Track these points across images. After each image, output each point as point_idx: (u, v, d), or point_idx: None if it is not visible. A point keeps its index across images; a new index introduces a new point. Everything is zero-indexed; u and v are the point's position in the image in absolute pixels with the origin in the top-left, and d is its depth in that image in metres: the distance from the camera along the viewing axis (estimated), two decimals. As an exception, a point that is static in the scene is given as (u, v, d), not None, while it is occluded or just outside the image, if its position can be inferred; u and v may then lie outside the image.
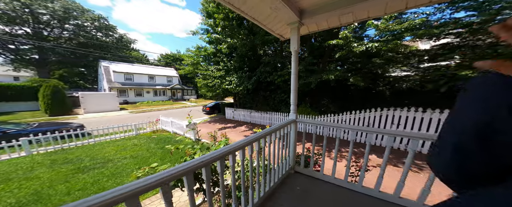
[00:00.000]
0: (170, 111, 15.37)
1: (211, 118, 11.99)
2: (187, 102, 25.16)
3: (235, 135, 7.08)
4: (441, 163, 0.29)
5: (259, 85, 8.84)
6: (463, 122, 0.25)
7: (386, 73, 6.17)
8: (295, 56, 1.75)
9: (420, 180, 3.03)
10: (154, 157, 4.35)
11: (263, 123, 8.74)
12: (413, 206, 1.20)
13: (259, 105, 9.66)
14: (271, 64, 7.49)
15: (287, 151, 1.90)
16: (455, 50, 4.72)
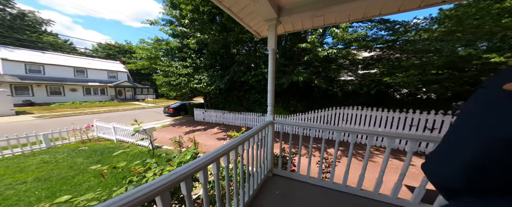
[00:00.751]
0: (114, 114, 12.15)
1: (176, 120, 10.46)
2: (142, 103, 20.72)
3: (206, 138, 6.43)
4: (446, 174, 0.27)
5: (232, 85, 8.50)
6: (489, 138, 0.22)
7: (338, 77, 7.43)
8: (272, 55, 1.67)
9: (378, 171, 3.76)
10: (83, 176, 3.15)
11: (237, 124, 8.45)
12: (371, 196, 1.39)
13: (232, 105, 9.30)
14: (245, 63, 7.35)
15: (265, 154, 1.80)
16: (379, 61, 6.30)
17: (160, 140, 5.99)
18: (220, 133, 7.19)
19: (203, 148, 5.10)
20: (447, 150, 0.27)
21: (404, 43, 5.71)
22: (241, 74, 7.30)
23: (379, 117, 4.75)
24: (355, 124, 5.16)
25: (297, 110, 7.44)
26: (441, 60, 4.20)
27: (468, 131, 0.25)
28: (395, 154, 4.27)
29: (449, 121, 3.88)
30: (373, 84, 5.78)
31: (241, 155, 1.23)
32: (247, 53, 8.66)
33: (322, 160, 1.65)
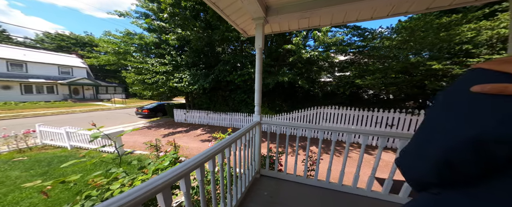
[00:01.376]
0: (66, 117, 10.12)
1: (152, 122, 9.41)
2: (108, 103, 17.83)
3: (188, 140, 5.99)
4: (417, 169, 0.29)
5: (217, 84, 8.16)
6: (456, 135, 0.24)
7: (319, 78, 8.01)
8: (259, 54, 1.65)
9: (355, 165, 4.13)
10: (21, 192, 2.50)
11: (223, 125, 8.17)
12: (350, 190, 1.51)
13: (217, 105, 8.93)
14: (231, 63, 7.14)
15: (252, 155, 1.77)
16: (352, 64, 7.08)
17: (132, 145, 5.28)
18: (205, 134, 6.81)
19: (185, 151, 4.73)
20: (420, 148, 0.29)
21: (371, 49, 6.54)
22: (226, 73, 7.07)
23: (353, 115, 5.32)
24: (333, 122, 5.64)
25: (282, 109, 7.67)
26: (398, 66, 4.99)
27: (438, 130, 0.26)
28: (366, 149, 4.87)
29: (404, 119, 4.63)
30: (348, 85, 6.45)
31: (228, 158, 1.17)
32: (233, 53, 8.47)
33: (307, 158, 1.72)
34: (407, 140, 1.26)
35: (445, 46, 4.40)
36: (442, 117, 0.27)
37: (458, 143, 0.23)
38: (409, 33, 5.06)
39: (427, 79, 4.71)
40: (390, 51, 5.64)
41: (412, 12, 1.36)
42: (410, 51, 5.14)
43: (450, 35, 4.26)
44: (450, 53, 4.48)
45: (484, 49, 4.03)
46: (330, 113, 5.66)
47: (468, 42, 4.16)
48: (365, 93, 7.62)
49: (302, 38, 5.84)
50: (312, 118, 5.97)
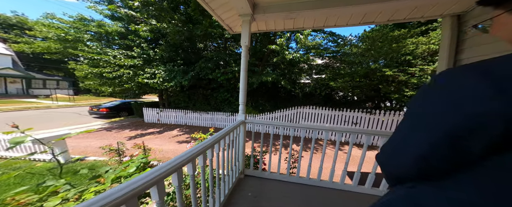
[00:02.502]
0: None
1: (113, 123, 7.99)
2: (46, 100, 14.17)
3: (162, 142, 5.36)
4: (397, 165, 0.30)
5: (198, 82, 7.60)
6: (435, 131, 0.25)
7: (299, 80, 8.54)
8: (245, 52, 1.60)
9: (331, 161, 4.50)
10: None
11: (203, 125, 7.66)
12: (328, 185, 1.64)
13: (198, 104, 8.33)
14: (213, 60, 6.76)
15: (236, 155, 1.71)
16: (327, 68, 7.85)
17: (82, 150, 4.33)
18: (182, 135, 6.23)
19: (159, 154, 4.21)
20: (400, 145, 0.31)
21: (342, 55, 7.40)
22: (208, 71, 6.67)
23: (327, 115, 5.91)
24: (311, 121, 6.12)
25: (266, 109, 7.80)
26: (362, 71, 5.84)
27: (416, 128, 0.28)
28: (338, 145, 5.47)
29: (365, 117, 5.41)
30: (323, 87, 7.12)
31: (211, 159, 1.08)
32: (217, 50, 8.06)
33: (290, 156, 1.78)
34: (371, 136, 1.46)
35: (395, 56, 5.40)
36: (419, 114, 0.29)
37: (436, 139, 0.25)
38: (370, 42, 5.98)
39: (381, 84, 5.69)
40: (356, 58, 6.52)
41: (378, 22, 1.60)
42: (371, 59, 6.08)
43: (399, 47, 5.26)
44: (398, 62, 5.54)
45: (419, 60, 5.15)
46: (309, 112, 6.11)
47: (410, 54, 5.23)
48: (336, 94, 8.59)
49: (285, 40, 6.09)
50: (293, 117, 6.30)
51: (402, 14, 1.45)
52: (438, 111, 0.26)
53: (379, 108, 6.46)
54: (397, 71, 5.25)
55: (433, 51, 4.78)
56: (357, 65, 6.53)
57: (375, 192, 1.51)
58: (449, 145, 0.24)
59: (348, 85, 6.03)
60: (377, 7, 1.20)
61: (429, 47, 4.79)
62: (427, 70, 4.66)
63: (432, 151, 0.25)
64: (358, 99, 7.51)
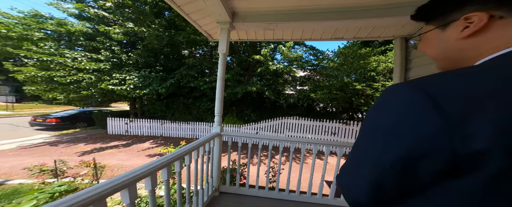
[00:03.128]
0: None
1: (64, 135, 6.64)
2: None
3: (128, 156, 4.61)
4: (354, 189, 0.29)
5: (179, 90, 7.16)
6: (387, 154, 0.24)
7: (284, 91, 8.87)
8: (223, 60, 1.56)
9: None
10: None
11: (183, 136, 7.01)
12: (307, 199, 1.55)
13: (177, 113, 7.69)
14: (197, 68, 6.56)
15: (210, 171, 1.53)
16: (308, 80, 8.42)
17: (6, 171, 3.36)
18: (155, 147, 5.51)
19: (118, 171, 3.52)
20: (355, 167, 0.29)
21: (321, 68, 8.10)
22: (191, 79, 6.40)
23: (309, 125, 6.13)
24: (294, 131, 6.22)
25: (251, 119, 7.71)
26: (338, 84, 6.43)
27: (370, 150, 0.26)
28: (317, 155, 5.62)
29: (342, 128, 5.79)
30: (305, 98, 7.50)
31: (179, 173, 0.95)
32: (202, 57, 7.91)
33: (269, 169, 1.68)
34: (343, 148, 1.49)
35: (363, 71, 6.17)
36: (371, 134, 0.27)
37: (388, 164, 0.23)
38: (344, 58, 6.75)
39: (354, 97, 6.32)
40: (333, 72, 7.22)
41: (346, 38, 1.81)
42: (345, 73, 6.80)
43: (365, 63, 6.05)
44: (365, 78, 6.32)
45: (381, 77, 5.99)
46: (292, 122, 6.24)
47: (373, 70, 6.05)
48: (317, 106, 9.14)
49: (270, 51, 6.40)
50: (277, 127, 6.32)
51: (363, 33, 1.67)
52: (386, 131, 0.24)
53: (352, 119, 7.07)
54: (365, 86, 5.95)
55: (391, 69, 5.66)
56: (333, 78, 7.21)
57: None
58: (399, 169, 0.22)
59: (326, 97, 6.52)
60: (344, 24, 1.34)
61: (387, 65, 5.66)
62: (386, 86, 5.41)
63: (383, 175, 0.24)
64: (336, 111, 8.11)
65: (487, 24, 0.25)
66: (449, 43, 0.29)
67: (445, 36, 0.29)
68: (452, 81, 0.22)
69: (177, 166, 0.96)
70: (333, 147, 5.53)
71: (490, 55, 0.25)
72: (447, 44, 0.29)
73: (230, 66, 7.69)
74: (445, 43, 0.30)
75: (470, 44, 0.27)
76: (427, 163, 0.21)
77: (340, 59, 7.06)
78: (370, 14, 1.21)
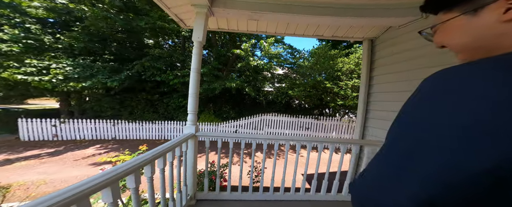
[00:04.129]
0: None
1: None
2: None
3: (58, 168, 3.56)
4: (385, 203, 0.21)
5: (139, 84, 6.01)
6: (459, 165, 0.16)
7: (263, 87, 8.96)
8: (198, 49, 1.32)
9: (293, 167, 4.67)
10: None
11: (148, 138, 5.99)
12: (291, 197, 1.55)
13: (138, 111, 6.50)
14: (165, 60, 5.65)
15: (184, 177, 1.32)
16: (286, 77, 8.81)
17: None
18: (104, 153, 4.45)
19: (35, 191, 2.65)
20: (389, 176, 0.22)
21: (297, 67, 8.58)
22: (157, 72, 5.46)
23: (286, 121, 6.46)
24: (274, 128, 6.42)
25: (230, 116, 7.41)
26: (311, 83, 6.99)
27: (423, 157, 0.19)
28: (295, 150, 6.00)
29: (313, 123, 6.37)
30: (283, 95, 7.82)
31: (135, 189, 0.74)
32: (172, 49, 6.89)
33: (253, 169, 1.60)
34: (321, 144, 1.53)
35: (331, 71, 6.93)
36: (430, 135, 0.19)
37: (464, 178, 0.16)
38: (317, 58, 7.36)
39: (324, 94, 7.06)
40: (307, 70, 7.78)
41: (326, 37, 1.89)
42: (317, 72, 7.45)
43: (334, 64, 6.80)
44: (333, 77, 7.13)
45: (344, 77, 6.90)
46: (271, 119, 6.40)
47: (339, 71, 6.89)
48: (294, 102, 9.74)
49: (251, 46, 6.22)
50: (257, 124, 6.34)
51: (341, 31, 1.79)
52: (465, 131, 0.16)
53: (322, 114, 7.92)
54: (332, 84, 6.72)
55: (352, 70, 6.58)
56: (307, 77, 7.80)
57: (338, 198, 1.58)
58: (482, 187, 0.15)
59: (302, 94, 7.00)
60: (326, 20, 1.38)
61: (349, 66, 6.55)
62: (348, 85, 6.27)
63: (447, 192, 0.17)
64: (309, 107, 8.88)
65: None
66: (484, 30, 0.25)
67: (478, 22, 0.25)
68: None
69: (130, 182, 0.73)
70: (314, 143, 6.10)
71: None
72: (480, 31, 0.25)
73: (206, 61, 7.09)
74: (477, 30, 0.26)
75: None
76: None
77: (313, 59, 7.66)
78: (350, 13, 1.27)
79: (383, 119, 1.67)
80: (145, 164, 0.80)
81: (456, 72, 0.20)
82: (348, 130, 6.44)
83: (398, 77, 1.54)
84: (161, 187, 1.02)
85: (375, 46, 1.85)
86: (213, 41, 7.44)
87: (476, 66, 0.19)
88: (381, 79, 1.74)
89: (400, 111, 0.24)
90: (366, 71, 1.92)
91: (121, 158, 1.50)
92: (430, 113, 0.20)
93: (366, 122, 1.91)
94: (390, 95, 1.61)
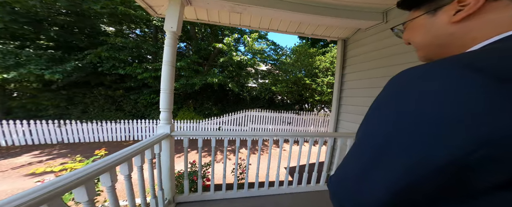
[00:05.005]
0: None
1: None
2: None
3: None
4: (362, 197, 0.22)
5: (95, 78, 5.11)
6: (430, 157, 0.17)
7: (247, 83, 8.86)
8: (171, 40, 1.16)
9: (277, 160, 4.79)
10: None
11: (108, 139, 5.18)
12: (276, 191, 1.58)
13: (95, 109, 5.52)
14: (131, 51, 4.87)
15: (160, 181, 1.21)
16: (269, 74, 8.94)
17: None
18: (48, 160, 3.63)
19: None
20: (365, 169, 0.22)
21: (280, 63, 8.78)
22: (118, 64, 4.68)
23: (270, 116, 6.63)
24: (257, 123, 6.50)
25: (212, 113, 7.10)
26: (293, 79, 7.30)
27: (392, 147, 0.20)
28: (278, 144, 6.26)
29: (294, 118, 6.76)
30: (267, 91, 7.93)
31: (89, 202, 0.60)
32: (141, 39, 5.96)
33: (237, 166, 1.58)
34: (302, 138, 1.62)
35: (310, 68, 7.38)
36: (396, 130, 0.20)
37: (428, 167, 0.17)
38: (298, 55, 7.68)
39: (304, 90, 7.50)
40: (289, 67, 8.07)
41: (306, 34, 1.95)
42: (298, 69, 7.82)
43: (312, 61, 7.25)
44: (311, 74, 7.61)
45: (321, 74, 7.46)
46: (255, 115, 6.45)
47: (317, 68, 7.40)
48: (276, 98, 10.02)
49: (234, 41, 5.96)
50: (241, 120, 6.29)
51: (320, 30, 1.88)
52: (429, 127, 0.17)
53: (302, 109, 8.46)
54: (311, 81, 7.20)
55: (327, 68, 7.17)
56: (289, 73, 8.10)
57: (317, 188, 1.67)
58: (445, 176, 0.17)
59: (284, 90, 7.26)
60: (308, 18, 1.42)
61: (326, 64, 7.12)
62: (324, 81, 6.83)
63: (420, 182, 0.18)
64: (290, 103, 9.32)
65: (482, 7, 0.23)
66: (439, 29, 0.27)
67: (435, 22, 0.27)
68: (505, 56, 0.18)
69: (80, 195, 0.59)
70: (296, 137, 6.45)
71: (488, 40, 0.23)
72: (436, 29, 0.28)
73: (185, 54, 6.48)
74: (434, 29, 0.28)
75: (461, 29, 0.25)
76: (492, 166, 0.15)
77: (295, 56, 7.97)
78: (329, 12, 1.34)
79: (353, 113, 1.88)
80: (102, 172, 0.67)
81: (414, 72, 0.21)
82: (323, 123, 7.08)
83: (364, 75, 1.74)
84: (129, 195, 0.89)
85: (347, 46, 2.02)
86: (192, 33, 6.80)
87: (431, 65, 0.21)
88: (351, 77, 1.94)
89: (368, 109, 0.25)
90: (340, 69, 2.10)
91: (70, 166, 1.23)
92: (391, 111, 0.21)
93: (339, 116, 2.12)
94: (359, 92, 1.81)
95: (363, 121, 0.25)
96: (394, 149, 0.19)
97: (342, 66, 2.09)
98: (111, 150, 1.11)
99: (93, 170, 0.63)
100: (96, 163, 0.67)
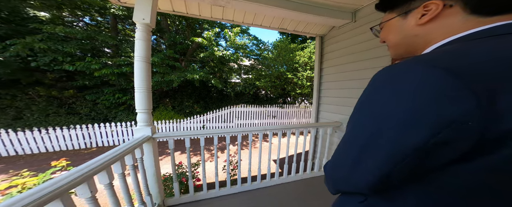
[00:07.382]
0: None
1: None
2: None
3: None
4: (352, 180, 0.27)
5: (26, 75, 4.14)
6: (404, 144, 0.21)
7: (230, 79, 8.60)
8: (144, 33, 1.02)
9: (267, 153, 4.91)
10: None
11: (62, 149, 4.32)
12: (267, 184, 1.65)
13: (35, 113, 4.52)
14: (81, 43, 4.02)
15: (145, 187, 1.12)
16: (253, 69, 8.90)
17: None
18: None
19: None
20: (355, 157, 0.26)
21: (263, 58, 8.79)
22: (64, 58, 3.85)
23: (255, 111, 6.71)
24: (243, 119, 6.50)
25: (195, 111, 6.71)
26: (275, 74, 7.47)
27: (375, 138, 0.23)
28: (264, 137, 6.44)
29: (278, 111, 7.04)
30: (251, 86, 7.91)
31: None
32: (94, 29, 4.94)
33: (229, 163, 1.59)
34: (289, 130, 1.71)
35: (291, 63, 7.68)
36: (376, 122, 0.23)
37: (404, 154, 0.20)
38: (279, 50, 7.84)
39: (286, 84, 7.81)
40: (271, 62, 8.20)
41: (289, 30, 2.01)
42: (280, 64, 8.02)
43: (293, 57, 7.54)
44: (292, 69, 7.94)
45: (301, 68, 7.87)
46: (241, 110, 6.42)
47: (297, 63, 7.75)
48: (260, 93, 10.12)
49: (214, 35, 5.59)
50: (227, 116, 6.17)
51: (301, 26, 1.96)
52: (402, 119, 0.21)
53: (285, 102, 8.85)
54: (292, 75, 7.53)
55: (306, 63, 7.60)
56: (272, 68, 8.25)
57: (304, 176, 1.80)
58: (415, 159, 0.20)
59: (268, 85, 7.40)
60: (291, 15, 1.46)
61: (304, 59, 7.52)
62: (304, 75, 7.25)
63: (395, 166, 0.22)
64: (274, 97, 9.61)
65: (441, 12, 0.26)
66: (408, 30, 0.30)
67: (405, 24, 0.30)
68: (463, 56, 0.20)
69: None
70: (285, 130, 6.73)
71: (438, 43, 0.26)
72: (405, 30, 0.31)
73: (156, 48, 5.77)
74: (404, 30, 0.31)
75: (424, 31, 0.28)
76: (449, 149, 0.19)
77: (276, 51, 8.11)
78: (310, 9, 1.40)
79: (332, 104, 2.09)
80: (78, 183, 0.58)
81: (391, 69, 0.24)
82: (305, 115, 7.63)
83: (339, 69, 1.93)
84: (113, 204, 0.81)
85: (324, 43, 2.19)
86: (164, 25, 6.03)
87: (402, 65, 0.23)
88: (329, 71, 2.13)
89: (357, 102, 0.28)
90: (318, 64, 2.26)
91: (18, 183, 0.98)
92: (374, 104, 0.24)
93: (319, 107, 2.33)
94: (336, 84, 2.02)
95: (353, 114, 0.28)
96: (380, 140, 0.23)
97: (320, 61, 2.25)
98: (73, 159, 0.93)
99: (67, 182, 0.54)
100: (69, 174, 0.58)
